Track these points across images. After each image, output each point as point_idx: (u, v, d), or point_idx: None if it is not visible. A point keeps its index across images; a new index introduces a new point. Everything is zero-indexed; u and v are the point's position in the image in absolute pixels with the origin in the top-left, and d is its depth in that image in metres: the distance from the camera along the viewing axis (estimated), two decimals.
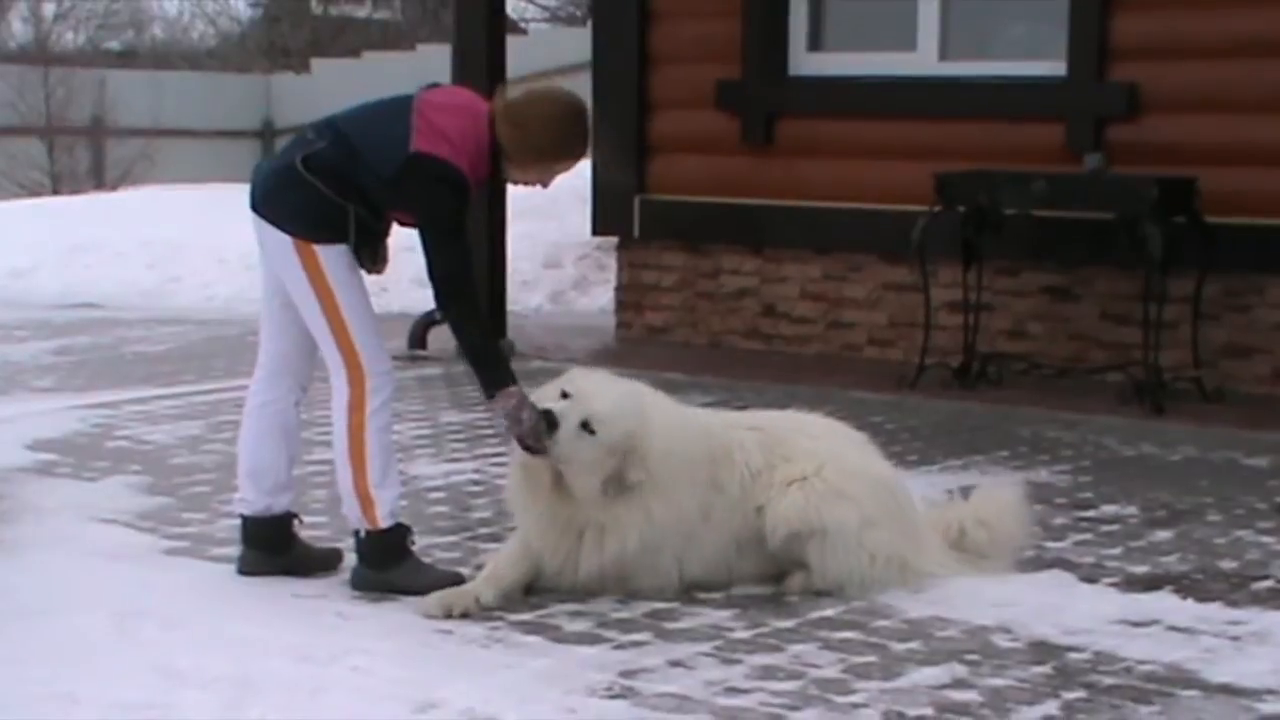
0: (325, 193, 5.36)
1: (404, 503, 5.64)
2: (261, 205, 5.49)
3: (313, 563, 5.71)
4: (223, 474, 7.07)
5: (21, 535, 6.15)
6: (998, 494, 5.91)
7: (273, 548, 5.65)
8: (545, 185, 5.72)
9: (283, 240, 5.42)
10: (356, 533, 5.52)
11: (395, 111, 5.44)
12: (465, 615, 5.21)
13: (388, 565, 5.47)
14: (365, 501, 5.44)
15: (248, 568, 5.66)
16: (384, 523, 5.45)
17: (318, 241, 5.39)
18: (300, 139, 5.53)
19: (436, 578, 5.48)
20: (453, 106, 5.47)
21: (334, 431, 5.47)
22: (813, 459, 5.55)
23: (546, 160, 5.56)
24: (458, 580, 5.47)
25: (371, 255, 5.53)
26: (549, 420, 5.24)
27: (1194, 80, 9.07)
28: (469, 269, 5.43)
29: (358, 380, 5.42)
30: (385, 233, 5.58)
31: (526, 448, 5.30)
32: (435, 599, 5.29)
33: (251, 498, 5.65)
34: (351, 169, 5.38)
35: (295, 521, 5.73)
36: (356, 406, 5.42)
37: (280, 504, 5.65)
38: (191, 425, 8.19)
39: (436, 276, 5.37)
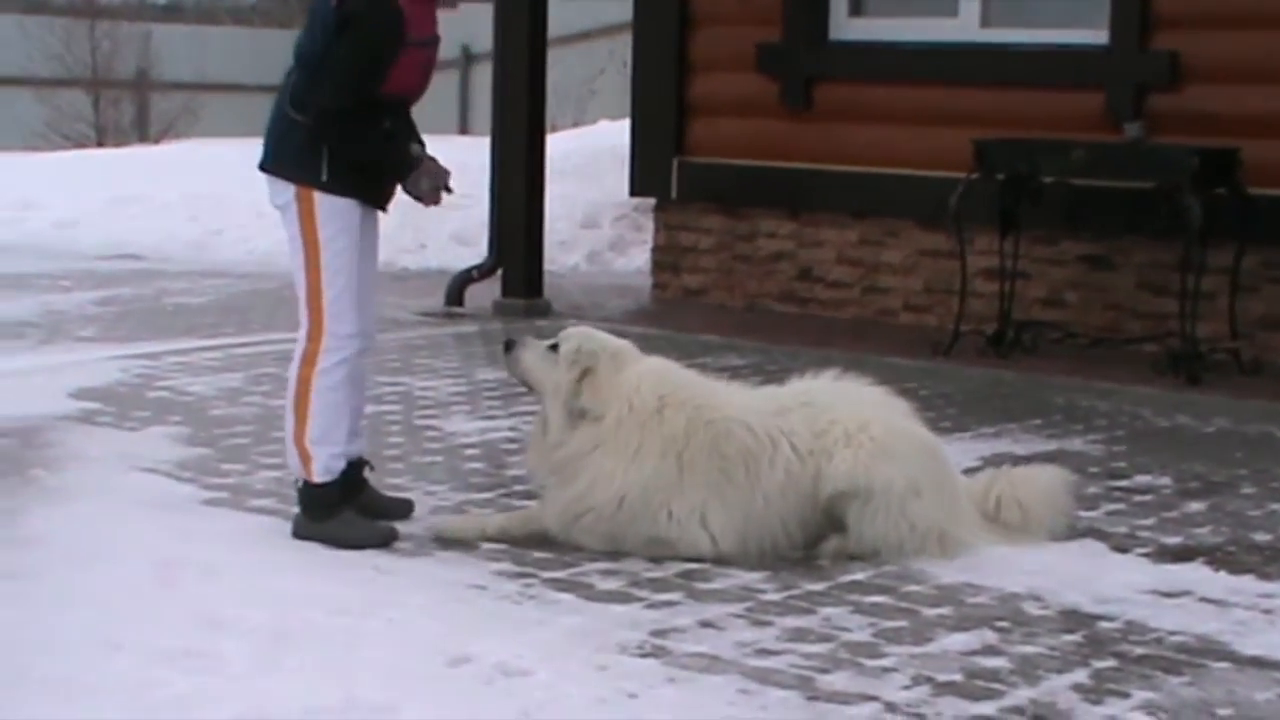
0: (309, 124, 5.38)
1: (340, 464, 5.57)
2: (268, 161, 5.53)
3: (381, 509, 5.74)
4: (261, 426, 7.10)
5: (65, 483, 6.18)
6: (1040, 476, 5.86)
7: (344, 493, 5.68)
8: None
9: (286, 191, 5.46)
10: (296, 480, 5.57)
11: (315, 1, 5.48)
12: (462, 541, 5.48)
13: (322, 517, 5.52)
14: (303, 455, 5.50)
15: None
16: (318, 478, 5.50)
17: (321, 190, 5.38)
18: (282, 86, 5.54)
19: (370, 532, 5.52)
20: None
21: (288, 380, 5.54)
22: (857, 419, 5.54)
23: None
24: (392, 535, 5.53)
25: (398, 165, 5.47)
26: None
27: (1237, 50, 8.98)
28: (352, 113, 5.35)
29: (315, 337, 5.47)
30: (402, 137, 5.52)
31: (417, 197, 5.51)
32: (445, 523, 5.59)
33: None
34: (316, 80, 5.35)
35: (366, 468, 5.77)
36: (308, 361, 5.47)
37: (350, 451, 5.68)
38: (231, 377, 8.21)
39: (317, 111, 5.32)
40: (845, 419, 5.53)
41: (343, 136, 5.36)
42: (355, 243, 5.48)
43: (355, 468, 5.71)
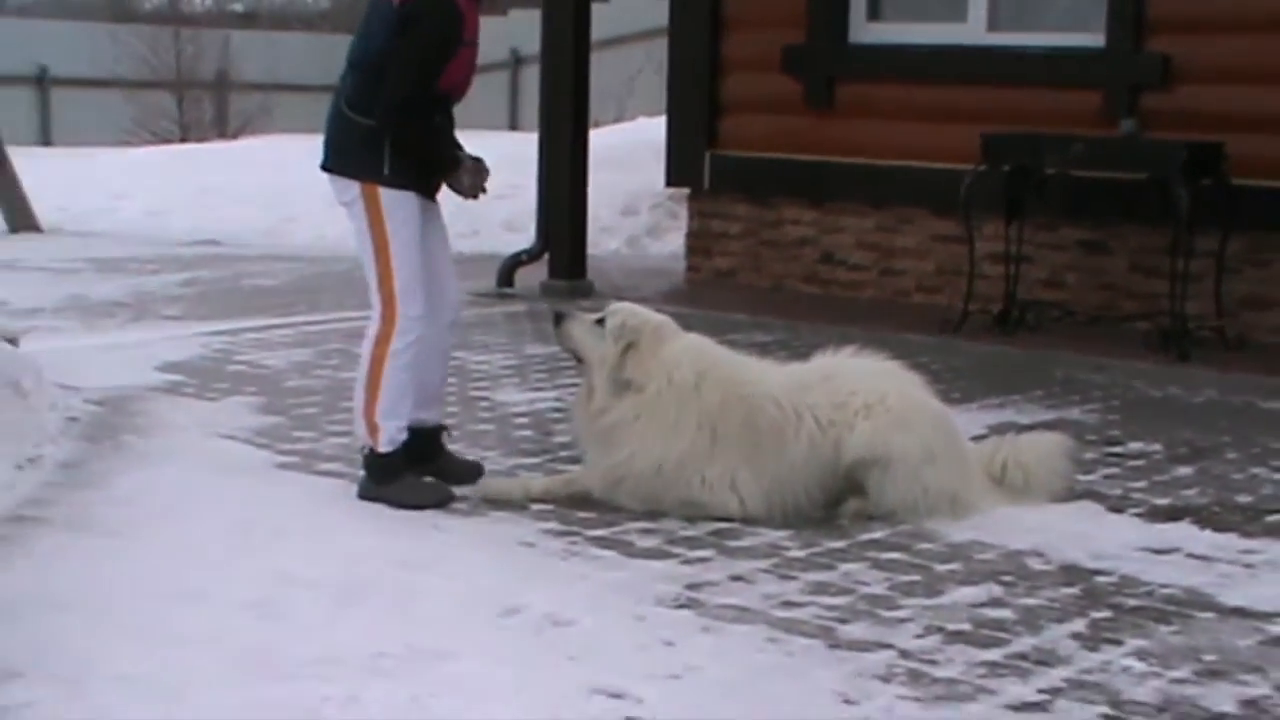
0: (369, 124, 5.35)
1: (404, 435, 5.57)
2: (329, 162, 5.51)
3: (456, 472, 5.75)
4: (330, 396, 7.11)
5: (152, 448, 6.21)
6: (1041, 443, 5.84)
7: (423, 457, 5.69)
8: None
9: (351, 188, 5.43)
10: (363, 448, 5.55)
11: (375, 3, 5.45)
12: (509, 501, 5.49)
13: (385, 481, 5.52)
14: (371, 427, 5.49)
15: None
16: (384, 448, 5.50)
17: (384, 184, 5.37)
18: (338, 90, 5.52)
19: (429, 493, 5.53)
20: None
21: (360, 357, 5.53)
22: (876, 391, 5.51)
23: None
24: (449, 496, 5.53)
25: (444, 159, 5.46)
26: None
27: (1224, 53, 8.89)
28: (414, 105, 5.32)
29: (389, 319, 5.44)
30: (449, 129, 5.52)
31: (459, 191, 5.50)
32: (490, 484, 5.59)
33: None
34: (375, 80, 5.33)
35: (445, 434, 5.78)
36: (383, 341, 5.45)
37: (432, 417, 5.70)
38: (302, 352, 8.23)
39: (385, 105, 5.30)
40: (864, 392, 5.51)
41: (403, 128, 5.34)
42: (418, 230, 5.46)
43: (434, 433, 5.72)
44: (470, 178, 5.51)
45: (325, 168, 5.53)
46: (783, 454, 5.42)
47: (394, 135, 5.35)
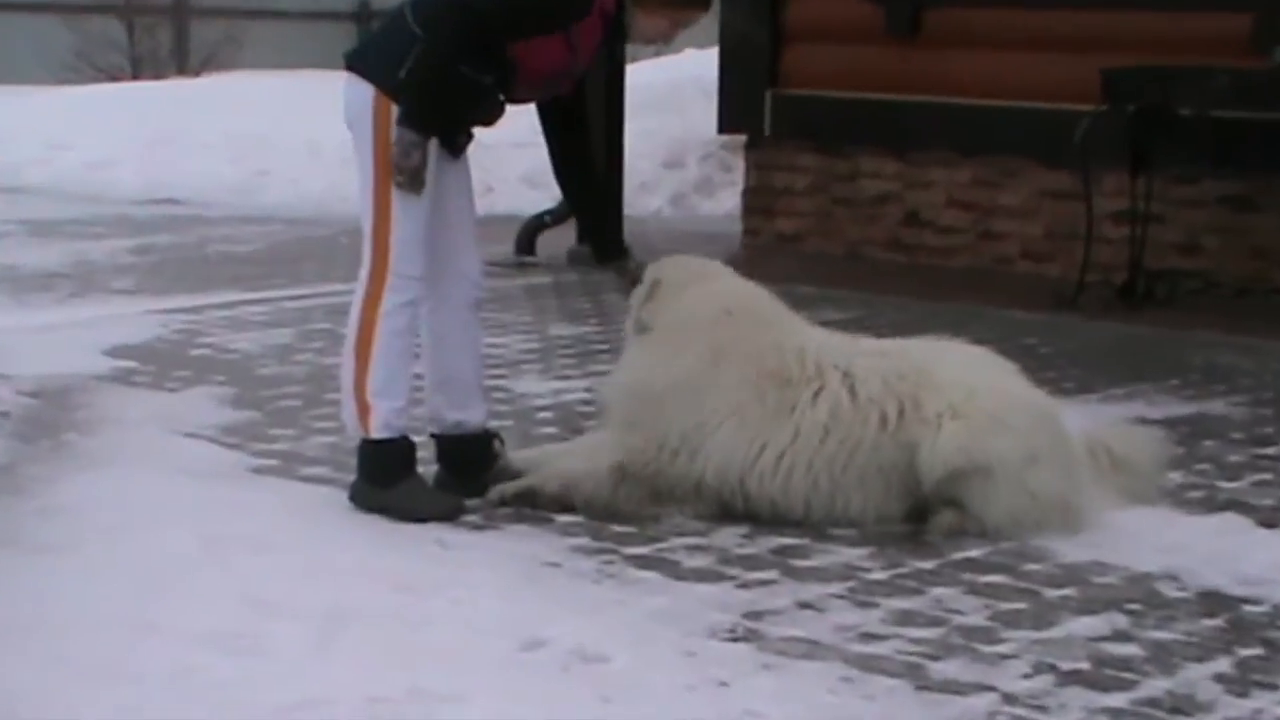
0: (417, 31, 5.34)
1: (413, 422, 5.61)
2: (356, 59, 5.47)
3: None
4: (314, 387, 7.14)
5: (100, 448, 6.24)
6: (1136, 435, 5.91)
7: (467, 470, 5.69)
8: (669, 39, 5.69)
9: (365, 94, 5.39)
10: (360, 443, 5.55)
11: None
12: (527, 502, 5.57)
13: (383, 481, 5.49)
14: (362, 407, 5.47)
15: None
16: (377, 433, 5.46)
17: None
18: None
19: (435, 503, 5.51)
20: None
21: (348, 323, 5.53)
22: (960, 387, 5.50)
23: None
24: (459, 507, 5.52)
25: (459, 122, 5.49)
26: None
27: None
28: (471, 31, 5.30)
29: (379, 274, 5.43)
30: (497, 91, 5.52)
31: (398, 183, 5.37)
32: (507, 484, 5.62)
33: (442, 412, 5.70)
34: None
35: (496, 441, 5.76)
36: (372, 301, 5.45)
37: (472, 418, 5.69)
38: (281, 333, 8.27)
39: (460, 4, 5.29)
40: (944, 387, 5.49)
41: (443, 42, 5.28)
42: (431, 177, 5.42)
43: (479, 441, 5.72)
44: (401, 158, 5.34)
45: (349, 64, 5.47)
46: (786, 415, 5.47)
47: (428, 40, 5.29)
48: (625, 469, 5.54)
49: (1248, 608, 4.90)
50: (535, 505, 5.57)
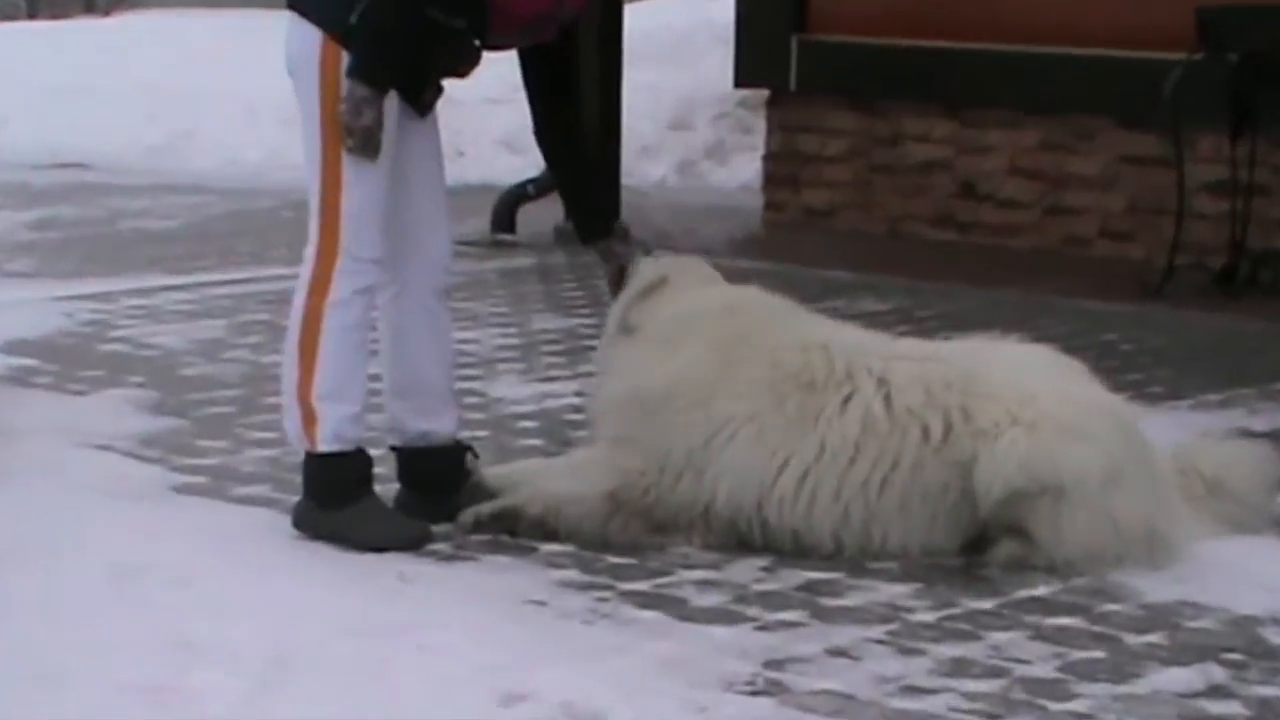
0: None
1: (369, 432, 5.64)
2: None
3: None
4: (250, 390, 7.16)
5: None
6: (1237, 450, 5.94)
7: (437, 486, 5.73)
8: None
9: (310, 38, 5.39)
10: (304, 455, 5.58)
11: None
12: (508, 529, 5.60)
13: (333, 503, 5.51)
14: (307, 414, 5.48)
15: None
16: (325, 446, 5.48)
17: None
18: None
19: (395, 529, 5.53)
20: None
21: (290, 314, 5.53)
22: (1018, 391, 5.52)
23: None
24: (425, 535, 5.54)
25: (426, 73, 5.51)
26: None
27: None
28: None
29: (328, 254, 5.44)
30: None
31: (349, 147, 5.35)
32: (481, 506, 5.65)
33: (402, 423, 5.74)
34: None
35: (468, 454, 5.79)
36: (318, 287, 5.45)
37: (441, 428, 5.72)
38: (209, 326, 8.29)
39: None
40: (1001, 393, 5.50)
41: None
42: (389, 139, 5.42)
43: (449, 454, 5.75)
44: (352, 116, 5.36)
45: (289, 3, 5.46)
46: (810, 426, 5.49)
47: None
48: (618, 498, 5.56)
49: None
50: (515, 532, 5.59)
